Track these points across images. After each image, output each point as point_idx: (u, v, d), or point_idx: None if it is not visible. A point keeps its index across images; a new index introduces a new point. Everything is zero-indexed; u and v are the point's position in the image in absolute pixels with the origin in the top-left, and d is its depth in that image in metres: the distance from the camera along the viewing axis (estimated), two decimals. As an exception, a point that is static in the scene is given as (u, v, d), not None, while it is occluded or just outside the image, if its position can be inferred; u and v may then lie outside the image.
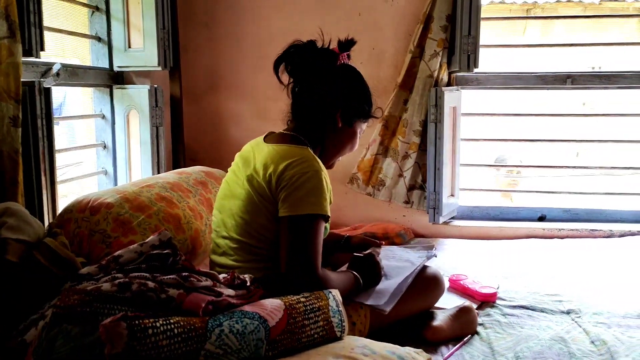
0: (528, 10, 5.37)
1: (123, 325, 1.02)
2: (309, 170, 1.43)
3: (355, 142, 1.66)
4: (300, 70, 1.55)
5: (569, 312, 1.90)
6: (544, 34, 5.55)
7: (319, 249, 1.45)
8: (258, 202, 1.47)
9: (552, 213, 2.98)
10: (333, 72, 1.56)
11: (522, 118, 3.61)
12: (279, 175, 1.44)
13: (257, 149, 1.56)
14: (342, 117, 1.57)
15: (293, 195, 1.41)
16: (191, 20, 2.92)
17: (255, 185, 1.47)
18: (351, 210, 2.95)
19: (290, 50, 1.55)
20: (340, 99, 1.56)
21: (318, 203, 1.42)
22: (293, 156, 1.46)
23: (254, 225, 1.49)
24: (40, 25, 1.69)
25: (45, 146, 1.70)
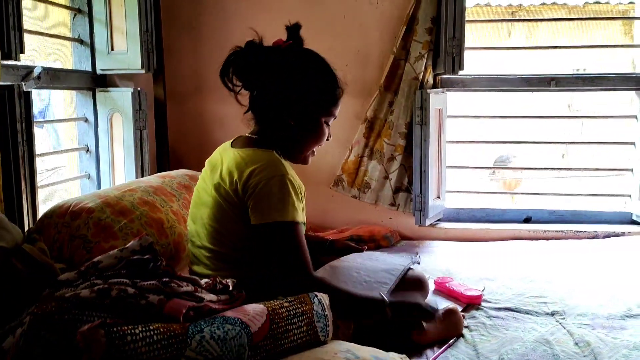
0: (513, 13, 5.41)
1: (101, 332, 1.00)
2: (274, 176, 1.41)
3: (321, 135, 1.57)
4: (245, 77, 1.50)
5: (553, 314, 1.91)
6: (529, 37, 5.59)
7: (305, 251, 1.44)
8: (227, 209, 1.46)
9: (538, 215, 3.00)
10: (277, 70, 1.49)
11: (508, 120, 3.63)
12: (244, 182, 1.42)
13: (224, 154, 1.53)
14: (296, 114, 1.50)
15: (261, 203, 1.40)
16: (175, 22, 2.90)
17: (223, 192, 1.46)
18: (337, 213, 2.94)
19: (230, 59, 1.50)
20: (290, 96, 1.49)
21: (286, 210, 1.41)
22: (256, 161, 1.44)
23: (224, 233, 1.48)
24: (20, 28, 1.66)
25: (25, 150, 1.67)
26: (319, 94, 1.52)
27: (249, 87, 1.53)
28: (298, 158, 1.62)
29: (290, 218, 1.41)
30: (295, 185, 1.47)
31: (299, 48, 1.54)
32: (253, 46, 1.51)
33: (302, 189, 1.54)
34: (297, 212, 1.45)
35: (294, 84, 1.50)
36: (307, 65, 1.53)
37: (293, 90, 1.49)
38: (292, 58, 1.51)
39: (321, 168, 2.93)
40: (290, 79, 1.50)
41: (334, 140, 2.85)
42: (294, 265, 1.41)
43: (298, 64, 1.52)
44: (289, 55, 1.51)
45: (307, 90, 1.51)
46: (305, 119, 1.53)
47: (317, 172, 2.93)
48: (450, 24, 2.65)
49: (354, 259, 1.80)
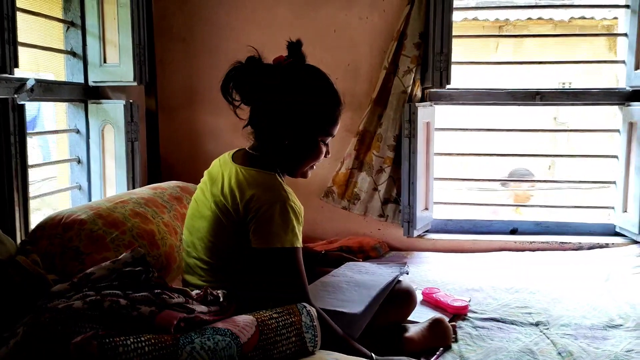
0: (500, 27, 5.51)
1: (94, 343, 1.03)
2: (276, 201, 1.42)
3: (317, 153, 1.57)
4: (244, 93, 1.51)
5: (537, 324, 1.95)
6: (516, 50, 5.69)
7: (303, 278, 1.46)
8: (227, 225, 1.47)
9: (524, 226, 3.05)
10: (276, 87, 1.49)
11: (496, 133, 3.69)
12: (245, 204, 1.43)
13: (225, 168, 1.54)
14: (291, 134, 1.51)
15: (263, 228, 1.42)
16: (168, 35, 2.94)
17: (223, 209, 1.47)
18: (327, 224, 2.97)
19: (231, 74, 1.51)
20: (284, 114, 1.49)
21: (287, 236, 1.43)
22: (259, 185, 1.45)
23: (222, 247, 1.50)
24: (15, 42, 1.69)
25: (18, 163, 1.69)
26: (317, 114, 1.52)
27: (248, 103, 1.53)
28: (296, 174, 1.64)
29: (290, 244, 1.43)
30: (295, 209, 1.48)
31: (300, 65, 1.54)
32: (253, 62, 1.51)
33: (301, 212, 1.55)
34: (297, 238, 1.46)
35: (292, 102, 1.49)
36: (305, 83, 1.52)
37: (290, 107, 1.49)
38: (292, 75, 1.51)
39: (311, 179, 2.90)
40: (288, 96, 1.49)
41: (323, 152, 2.91)
42: (294, 292, 1.43)
43: (297, 81, 1.51)
44: (288, 72, 1.51)
45: (305, 110, 1.50)
46: (301, 138, 1.53)
47: (307, 183, 2.95)
48: (437, 39, 2.70)
49: (344, 273, 1.84)
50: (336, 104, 1.57)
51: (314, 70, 1.56)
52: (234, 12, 2.89)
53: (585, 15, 5.36)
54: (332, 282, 1.77)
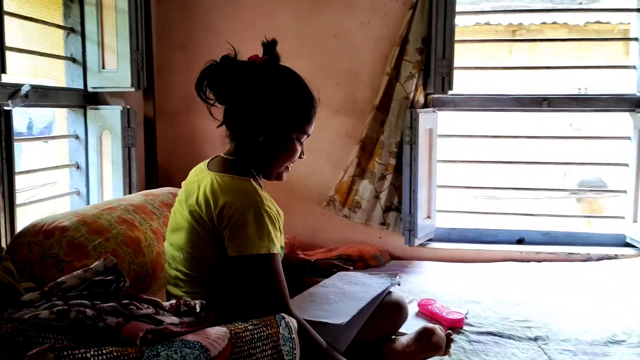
0: (514, 32, 5.42)
1: (50, 356, 1.00)
2: (250, 207, 1.39)
3: (292, 151, 1.55)
4: (219, 91, 1.49)
5: (536, 339, 1.88)
6: (530, 55, 5.59)
7: (282, 284, 1.42)
8: (203, 236, 1.45)
9: (531, 236, 2.97)
10: (250, 85, 1.47)
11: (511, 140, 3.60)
12: (219, 212, 1.40)
13: (200, 177, 1.52)
14: (266, 129, 1.49)
15: (237, 235, 1.39)
16: (168, 41, 2.93)
17: (198, 219, 1.45)
18: (327, 232, 2.93)
19: (205, 72, 1.49)
20: (260, 111, 1.47)
21: (262, 242, 1.39)
22: (232, 191, 1.42)
23: (200, 258, 1.47)
24: (2, 48, 1.68)
25: (5, 168, 1.69)
26: (291, 110, 1.51)
27: (222, 101, 1.51)
28: (271, 175, 1.60)
29: (265, 250, 1.40)
30: (271, 214, 1.44)
31: (274, 64, 1.53)
32: (228, 60, 1.49)
33: (279, 216, 1.52)
34: (274, 244, 1.43)
35: (266, 98, 1.48)
36: (280, 82, 1.51)
37: (264, 104, 1.48)
38: (266, 74, 1.50)
39: (311, 187, 2.93)
40: (263, 94, 1.48)
41: (324, 159, 2.89)
42: (272, 299, 1.40)
43: (271, 79, 1.50)
44: (263, 70, 1.50)
45: (278, 105, 1.49)
46: (275, 135, 1.51)
47: (307, 191, 2.93)
48: (440, 44, 2.65)
49: (334, 283, 1.79)
50: (310, 102, 1.55)
51: (288, 70, 1.55)
52: (234, 18, 2.88)
53: (600, 20, 5.24)
54: (320, 292, 1.73)
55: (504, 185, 3.41)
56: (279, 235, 1.48)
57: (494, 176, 4.16)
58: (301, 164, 2.83)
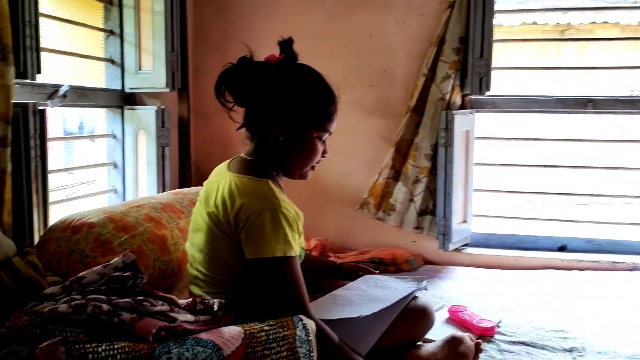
0: (562, 32, 5.24)
1: (61, 349, 1.01)
2: (266, 209, 1.38)
3: (313, 151, 1.52)
4: (236, 93, 1.48)
5: (571, 350, 1.79)
6: (579, 56, 5.39)
7: (300, 286, 1.41)
8: (220, 237, 1.44)
9: (574, 243, 2.85)
10: (267, 85, 1.45)
11: (552, 143, 3.48)
12: (235, 214, 1.39)
13: (220, 178, 1.51)
14: (285, 129, 1.47)
15: (253, 238, 1.37)
16: (204, 43, 2.97)
17: (216, 221, 1.44)
18: (359, 234, 2.90)
19: (222, 75, 1.48)
20: (278, 111, 1.46)
21: (278, 245, 1.38)
22: (249, 193, 1.41)
23: (218, 260, 1.47)
24: (37, 48, 1.74)
25: (39, 166, 1.74)
26: (309, 108, 1.48)
27: (241, 103, 1.51)
28: (293, 174, 1.58)
29: (281, 253, 1.38)
30: (288, 216, 1.42)
31: (291, 63, 1.50)
32: (244, 62, 1.49)
33: (298, 218, 1.50)
34: (290, 246, 1.40)
35: (283, 98, 1.46)
36: (297, 80, 1.49)
37: (282, 104, 1.46)
38: (283, 73, 1.47)
39: (344, 189, 2.90)
40: (279, 94, 1.46)
41: (357, 161, 2.86)
42: (289, 302, 1.39)
43: (288, 78, 1.47)
44: (279, 70, 1.47)
45: (296, 104, 1.47)
46: (294, 134, 1.49)
47: (340, 193, 2.91)
48: (477, 44, 2.59)
49: (358, 286, 1.76)
50: (330, 99, 1.52)
51: (305, 68, 1.52)
52: (269, 20, 2.89)
53: (655, 19, 5.01)
54: (344, 295, 1.70)
55: (547, 190, 3.28)
56: (297, 238, 1.46)
57: (536, 181, 4.04)
58: (334, 166, 2.85)
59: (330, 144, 1.60)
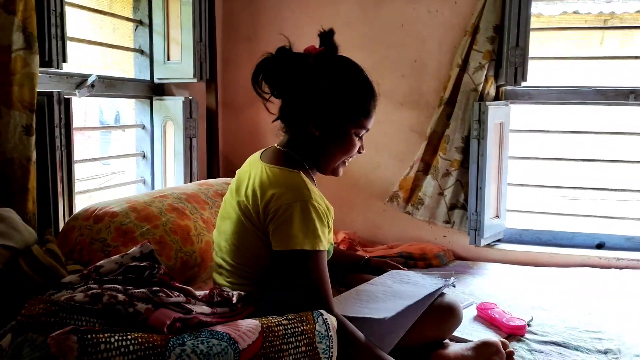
0: (605, 21, 5.03)
1: (73, 338, 1.00)
2: (296, 201, 1.34)
3: (349, 146, 1.48)
4: (275, 83, 1.44)
5: (606, 352, 1.71)
6: (623, 46, 5.16)
7: (325, 283, 1.37)
8: (249, 228, 1.42)
9: (612, 240, 2.73)
10: (306, 76, 1.42)
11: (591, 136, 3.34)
12: (265, 205, 1.37)
13: (252, 168, 1.48)
14: (322, 122, 1.43)
15: (281, 229, 1.34)
16: (234, 34, 2.95)
17: (245, 211, 1.42)
18: (388, 228, 2.84)
19: (261, 65, 1.45)
20: (316, 103, 1.42)
21: (307, 238, 1.34)
22: (280, 184, 1.38)
23: (244, 250, 1.44)
24: (63, 37, 1.74)
25: (64, 155, 1.74)
26: (348, 103, 1.44)
27: (278, 94, 1.47)
28: (327, 169, 1.54)
29: (310, 247, 1.34)
30: (319, 210, 1.39)
31: (332, 55, 1.47)
32: (283, 52, 1.45)
33: (329, 212, 1.47)
34: (319, 240, 1.37)
35: (322, 91, 1.42)
36: (336, 74, 1.45)
37: (320, 98, 1.42)
38: (322, 65, 1.44)
39: (373, 182, 2.85)
40: (318, 86, 1.42)
41: (387, 153, 2.80)
42: (313, 296, 1.35)
43: (327, 71, 1.44)
44: (319, 62, 1.44)
45: (334, 99, 1.43)
46: (332, 130, 1.45)
47: (369, 186, 2.86)
48: (513, 32, 2.49)
49: (384, 282, 1.72)
50: (370, 95, 1.47)
51: (346, 61, 1.48)
52: (299, 10, 2.85)
53: None
54: (368, 290, 1.66)
55: (584, 185, 3.15)
56: (326, 232, 1.42)
57: (573, 175, 3.88)
58: (364, 159, 2.80)
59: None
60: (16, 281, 1.25)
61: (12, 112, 1.53)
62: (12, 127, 1.54)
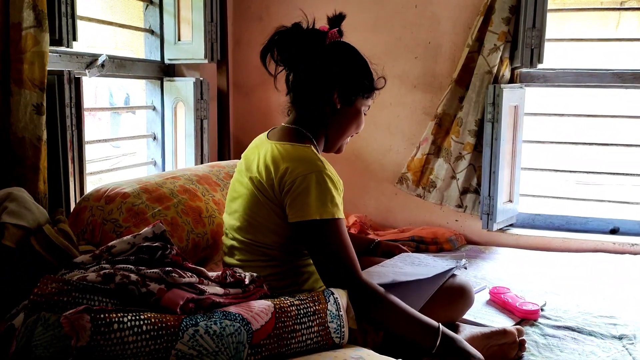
0: (622, 3, 4.93)
1: (87, 317, 0.99)
2: (311, 172, 1.34)
3: (360, 122, 1.54)
4: (289, 56, 1.46)
5: (621, 338, 1.69)
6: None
7: (350, 251, 1.36)
8: (262, 202, 1.42)
9: (627, 225, 2.69)
10: (322, 53, 1.45)
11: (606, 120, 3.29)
12: (280, 178, 1.37)
13: (260, 148, 1.49)
14: (340, 97, 1.47)
15: (298, 200, 1.34)
16: (245, 14, 2.92)
17: (259, 185, 1.42)
18: (400, 212, 2.82)
19: (274, 38, 1.46)
20: (335, 78, 1.45)
21: (325, 207, 1.34)
22: (293, 157, 1.38)
23: (256, 225, 1.44)
24: (73, 15, 1.72)
25: (75, 135, 1.73)
26: (362, 78, 1.49)
27: (291, 67, 1.49)
28: (334, 145, 1.56)
29: (329, 215, 1.34)
30: (334, 179, 1.40)
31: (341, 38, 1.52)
32: (299, 27, 1.47)
33: (340, 184, 1.48)
34: (338, 209, 1.37)
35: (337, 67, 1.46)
36: (349, 53, 1.50)
37: (334, 73, 1.45)
38: (338, 45, 1.49)
39: (385, 165, 2.82)
40: (333, 62, 1.46)
41: (400, 136, 2.77)
42: (340, 267, 1.34)
43: (341, 50, 1.49)
44: (335, 42, 1.48)
45: (348, 73, 1.47)
46: (343, 105, 1.48)
47: (381, 169, 2.83)
48: (530, 13, 2.44)
49: (395, 264, 1.71)
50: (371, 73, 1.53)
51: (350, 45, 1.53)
52: (311, -11, 2.80)
53: None
54: (379, 271, 1.64)
55: (599, 169, 3.10)
56: (341, 202, 1.43)
57: (588, 160, 3.84)
58: (375, 141, 2.78)
59: (371, 118, 1.64)
60: (28, 260, 1.25)
61: (23, 91, 1.52)
62: (23, 105, 1.53)
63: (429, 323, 1.35)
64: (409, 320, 1.34)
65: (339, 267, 1.34)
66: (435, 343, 1.33)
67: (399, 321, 1.34)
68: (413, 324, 1.35)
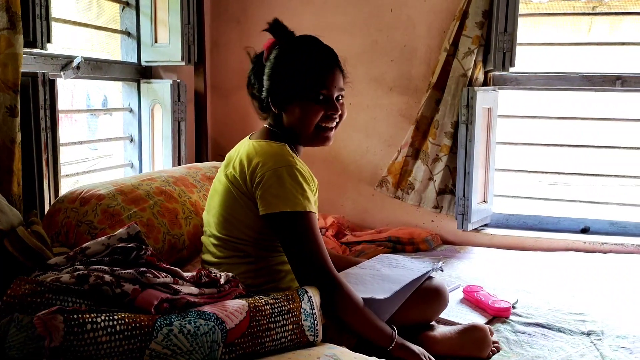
0: (594, 8, 5.04)
1: (60, 318, 1.00)
2: (282, 166, 1.39)
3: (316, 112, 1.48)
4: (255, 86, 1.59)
5: (589, 334, 1.73)
6: (612, 33, 5.18)
7: (320, 244, 1.39)
8: (237, 197, 1.46)
9: (597, 225, 2.76)
10: (265, 72, 1.54)
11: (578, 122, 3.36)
12: (252, 172, 1.42)
13: (241, 146, 1.55)
14: (273, 104, 1.51)
15: (268, 192, 1.38)
16: (223, 16, 2.93)
17: (233, 180, 1.46)
18: (377, 212, 2.85)
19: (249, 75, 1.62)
20: (272, 89, 1.51)
21: (295, 199, 1.37)
22: (265, 153, 1.44)
23: (232, 220, 1.48)
24: (47, 17, 1.71)
25: (49, 137, 1.72)
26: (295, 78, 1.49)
27: (260, 95, 1.58)
28: (312, 138, 1.53)
29: (300, 208, 1.37)
30: (305, 175, 1.44)
31: (284, 41, 1.54)
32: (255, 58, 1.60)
33: (313, 182, 1.51)
34: (309, 202, 1.40)
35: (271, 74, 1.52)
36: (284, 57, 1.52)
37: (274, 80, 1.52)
38: (278, 53, 1.52)
39: (362, 166, 2.85)
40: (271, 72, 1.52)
41: (376, 138, 2.80)
42: (310, 259, 1.38)
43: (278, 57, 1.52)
44: (273, 52, 1.53)
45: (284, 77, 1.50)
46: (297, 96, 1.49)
47: (358, 171, 2.86)
48: (502, 17, 2.49)
49: (372, 265, 1.73)
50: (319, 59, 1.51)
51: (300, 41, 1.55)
52: (288, -9, 2.83)
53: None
54: (357, 273, 1.67)
55: (570, 170, 3.18)
56: (313, 200, 1.46)
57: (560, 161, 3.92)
58: (352, 143, 2.80)
59: (349, 120, 1.63)
60: (1, 262, 1.24)
61: (-3, 93, 1.51)
62: (-3, 108, 1.52)
63: (384, 329, 1.43)
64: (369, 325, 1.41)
65: (310, 258, 1.38)
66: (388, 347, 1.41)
67: (359, 319, 1.40)
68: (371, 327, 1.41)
